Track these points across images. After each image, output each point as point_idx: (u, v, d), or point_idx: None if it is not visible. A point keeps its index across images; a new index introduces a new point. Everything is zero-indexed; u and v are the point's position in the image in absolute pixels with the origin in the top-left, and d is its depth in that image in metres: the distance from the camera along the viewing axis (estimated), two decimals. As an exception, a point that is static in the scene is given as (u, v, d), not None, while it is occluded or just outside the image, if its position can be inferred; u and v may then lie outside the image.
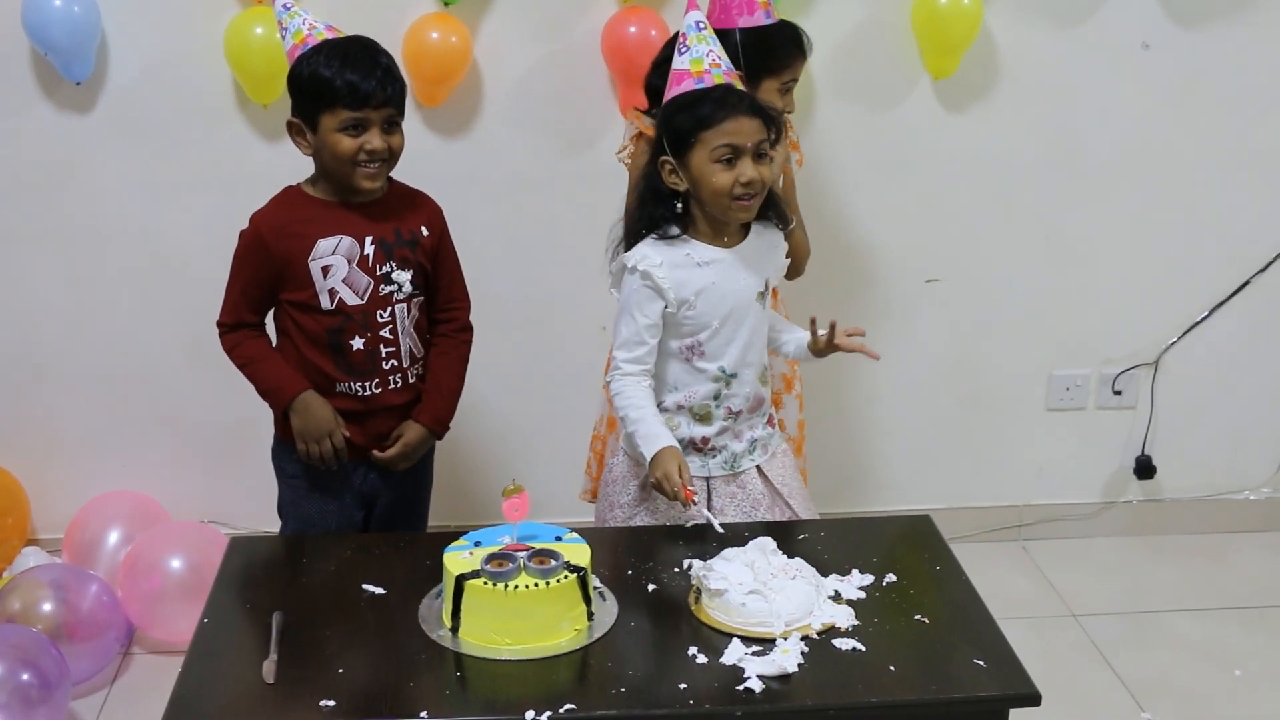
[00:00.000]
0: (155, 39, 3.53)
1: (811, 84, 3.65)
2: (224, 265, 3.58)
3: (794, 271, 3.16)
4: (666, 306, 2.72)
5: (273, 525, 3.49)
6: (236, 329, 2.93)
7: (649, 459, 2.68)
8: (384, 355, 2.90)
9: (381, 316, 2.88)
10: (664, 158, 2.72)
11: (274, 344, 2.97)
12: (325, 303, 2.84)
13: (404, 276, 2.88)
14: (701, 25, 2.77)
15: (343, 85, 2.74)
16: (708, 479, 2.84)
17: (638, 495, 2.85)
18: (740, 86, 2.74)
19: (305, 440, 2.90)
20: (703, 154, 2.66)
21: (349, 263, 2.83)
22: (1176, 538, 4.20)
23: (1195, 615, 3.80)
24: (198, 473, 3.89)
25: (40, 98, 3.55)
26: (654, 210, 2.75)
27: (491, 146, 3.65)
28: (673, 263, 2.72)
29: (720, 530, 2.57)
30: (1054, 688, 3.32)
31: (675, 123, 2.70)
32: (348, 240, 2.83)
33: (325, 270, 2.83)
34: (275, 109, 3.54)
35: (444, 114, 3.58)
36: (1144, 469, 4.15)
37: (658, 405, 2.78)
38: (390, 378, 2.92)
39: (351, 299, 2.85)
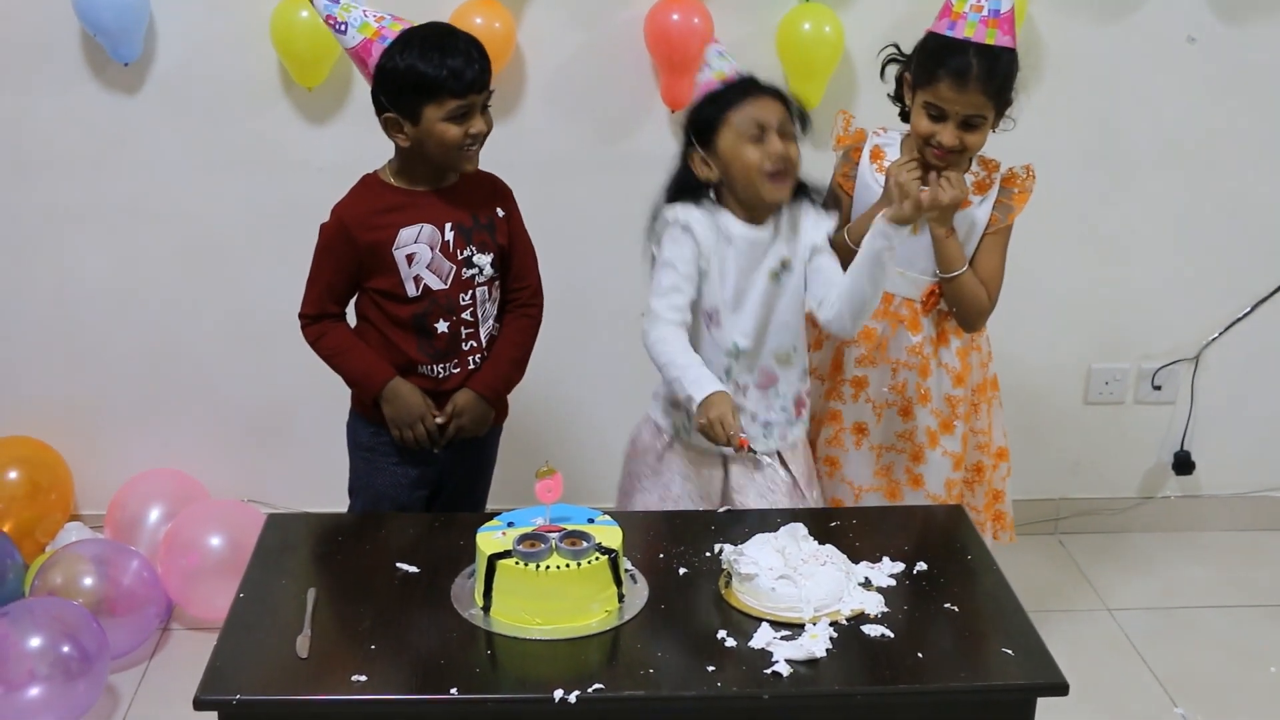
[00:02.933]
0: (202, 21, 3.57)
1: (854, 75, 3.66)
2: (266, 245, 3.67)
3: (963, 323, 3.04)
4: (700, 259, 2.76)
5: (310, 504, 3.55)
6: (319, 320, 2.95)
7: (696, 403, 2.64)
8: (464, 337, 2.94)
9: (464, 299, 2.91)
10: (692, 150, 2.76)
11: (354, 328, 3.00)
12: (411, 290, 2.87)
13: (484, 260, 2.92)
14: (722, 53, 2.84)
15: (448, 75, 2.75)
16: (724, 458, 2.86)
17: (654, 464, 2.89)
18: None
19: (399, 426, 2.94)
20: (730, 135, 2.72)
21: (431, 249, 2.86)
22: (1214, 534, 4.18)
23: (1230, 612, 3.78)
24: (237, 452, 3.93)
25: (89, 78, 3.59)
26: (687, 191, 2.81)
27: (532, 132, 3.67)
28: (708, 221, 2.78)
29: (767, 461, 2.60)
30: (1087, 681, 3.37)
31: (701, 114, 2.77)
32: (429, 228, 2.86)
33: (410, 258, 2.86)
34: (319, 92, 3.58)
35: (486, 99, 3.60)
36: (1182, 465, 4.14)
37: None
38: (470, 359, 2.96)
39: (436, 284, 2.88)
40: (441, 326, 2.90)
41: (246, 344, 3.83)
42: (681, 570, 2.47)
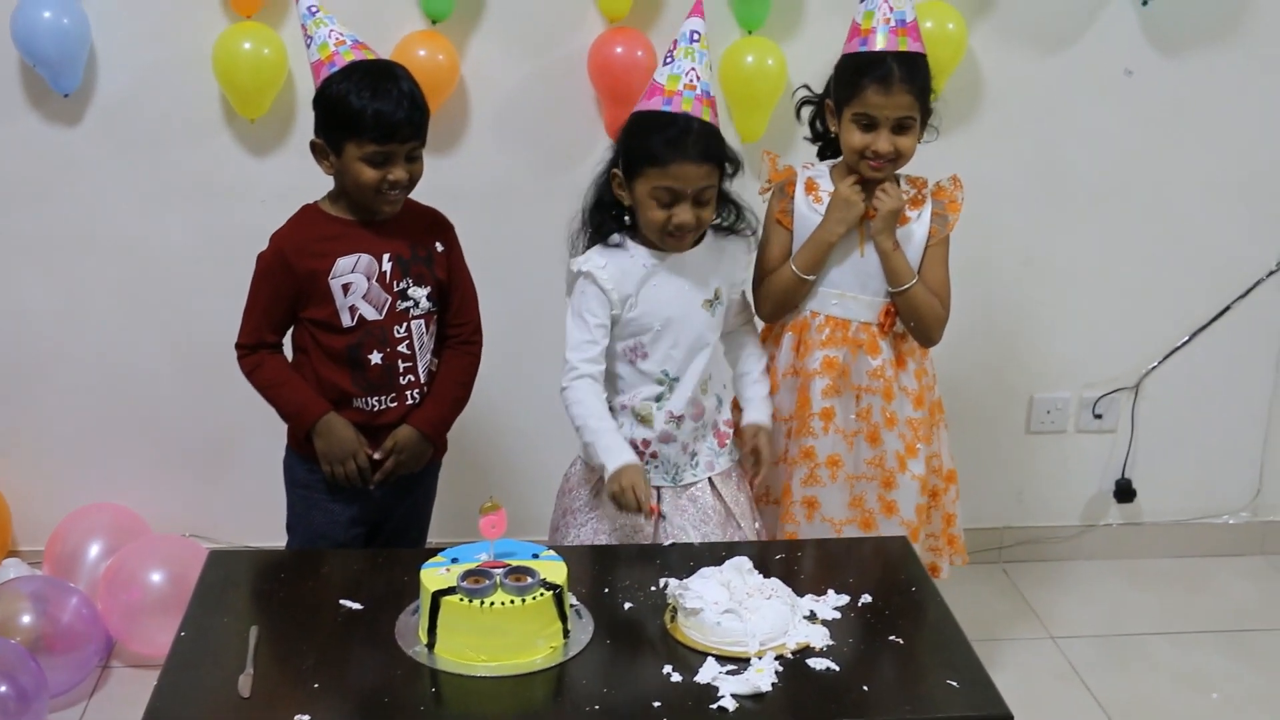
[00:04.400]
0: (143, 52, 3.54)
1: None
2: (209, 275, 3.63)
3: (922, 337, 3.08)
4: (612, 308, 2.79)
5: (254, 539, 3.52)
6: (256, 350, 2.93)
7: (609, 472, 2.71)
8: (401, 370, 2.92)
9: (398, 332, 2.90)
10: (615, 170, 2.79)
11: (290, 361, 2.99)
12: (346, 320, 2.86)
13: (420, 293, 2.91)
14: (695, 36, 2.80)
15: (371, 118, 2.75)
16: (658, 489, 2.87)
17: (589, 501, 2.88)
18: (710, 114, 2.77)
19: (330, 462, 2.92)
20: (645, 187, 2.74)
21: (368, 279, 2.85)
22: (1156, 561, 4.21)
23: (1174, 639, 3.81)
24: (180, 486, 3.89)
25: (28, 109, 3.56)
26: (598, 216, 2.85)
27: (477, 163, 3.67)
28: (616, 264, 2.81)
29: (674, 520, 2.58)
30: (1032, 710, 3.39)
31: (630, 145, 2.78)
32: (366, 258, 2.86)
33: (346, 288, 2.85)
34: (262, 124, 3.56)
35: (430, 130, 3.54)
36: (1124, 492, 4.17)
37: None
38: (407, 393, 2.95)
39: (371, 314, 2.87)
40: (375, 358, 2.89)
41: (190, 376, 3.79)
42: (627, 605, 2.46)
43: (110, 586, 3.48)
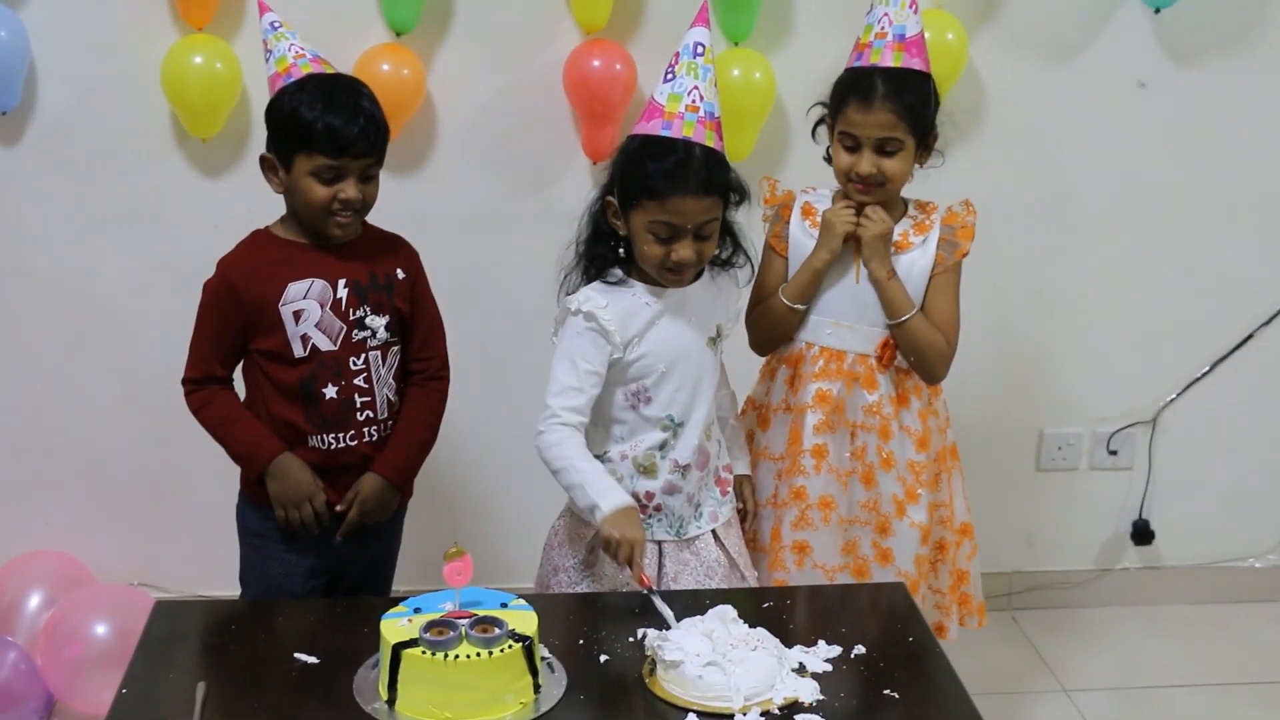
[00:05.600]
0: (87, 67, 3.56)
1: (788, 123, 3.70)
2: (154, 308, 3.64)
3: (924, 373, 3.06)
4: (613, 351, 2.76)
5: (207, 589, 3.51)
6: (204, 385, 2.93)
7: (603, 513, 2.67)
8: (359, 406, 2.92)
9: (355, 364, 2.90)
10: (610, 198, 2.77)
11: (242, 400, 2.98)
12: (298, 350, 2.86)
13: (378, 322, 2.91)
14: (700, 49, 2.75)
15: (323, 130, 2.76)
16: (659, 543, 2.85)
17: (583, 559, 2.86)
18: (715, 139, 2.74)
19: (284, 506, 2.91)
20: (641, 220, 2.71)
21: (322, 306, 2.86)
22: (1176, 608, 4.22)
23: (1195, 691, 3.81)
24: (126, 532, 3.89)
25: (-37, 128, 3.57)
26: (595, 249, 2.81)
27: (445, 185, 3.69)
28: (619, 304, 2.77)
29: (672, 622, 2.48)
30: (1042, 768, 3.39)
31: (625, 173, 2.74)
32: (320, 283, 2.86)
33: (297, 315, 2.85)
34: (215, 143, 3.57)
35: (395, 149, 3.53)
36: (1141, 534, 4.18)
37: (601, 455, 2.82)
38: (365, 430, 2.94)
39: (325, 344, 2.87)
40: (330, 392, 2.89)
41: (137, 414, 3.79)
42: (603, 657, 2.46)
43: (51, 640, 3.47)
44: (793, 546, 3.08)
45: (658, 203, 2.67)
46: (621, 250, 2.79)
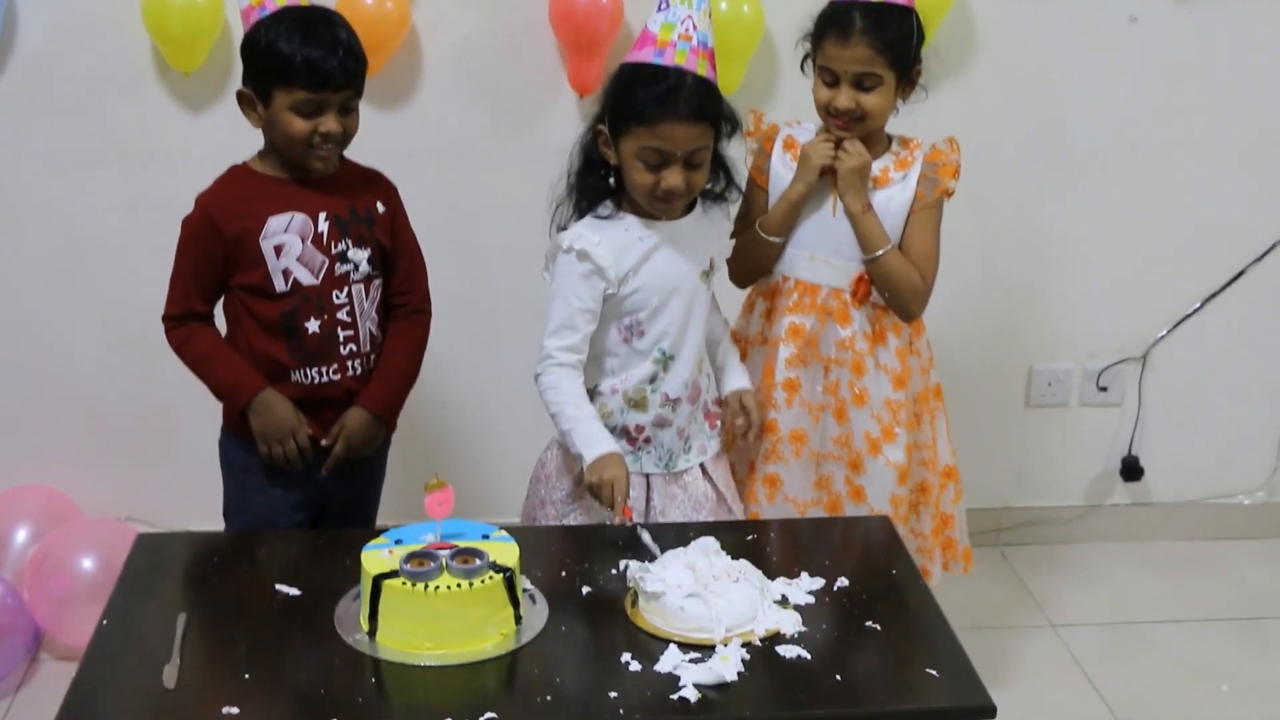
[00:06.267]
0: (67, 0, 3.51)
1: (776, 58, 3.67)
2: (140, 245, 3.62)
3: (898, 309, 3.04)
4: (607, 287, 2.75)
5: (195, 523, 3.49)
6: (184, 321, 2.92)
7: (588, 462, 2.69)
8: (342, 339, 2.91)
9: (338, 297, 2.89)
10: (601, 127, 2.75)
11: (223, 335, 2.97)
12: (279, 284, 2.85)
13: (360, 255, 2.90)
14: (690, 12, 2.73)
15: (301, 63, 2.74)
16: (646, 476, 2.86)
17: (571, 492, 2.87)
18: (707, 69, 2.71)
19: (267, 441, 2.91)
20: (631, 147, 2.69)
21: (303, 240, 2.84)
22: (1164, 544, 4.23)
23: (1182, 627, 3.83)
24: (113, 466, 3.89)
25: (-58, 63, 3.55)
26: (586, 179, 2.80)
27: (430, 120, 3.66)
28: (611, 239, 2.76)
29: (656, 554, 2.49)
30: (1029, 702, 3.43)
31: (616, 100, 2.72)
32: (300, 217, 2.85)
33: (278, 249, 2.84)
34: (198, 77, 3.54)
35: (379, 84, 3.56)
36: (1130, 471, 4.18)
37: (592, 389, 2.82)
38: (349, 364, 2.94)
39: (306, 278, 2.86)
40: (312, 326, 2.88)
41: (123, 350, 3.78)
42: (585, 589, 2.46)
43: (37, 574, 3.47)
44: (764, 480, 3.09)
45: (648, 128, 2.66)
46: (612, 181, 2.78)
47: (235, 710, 2.11)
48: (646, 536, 2.52)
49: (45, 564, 3.48)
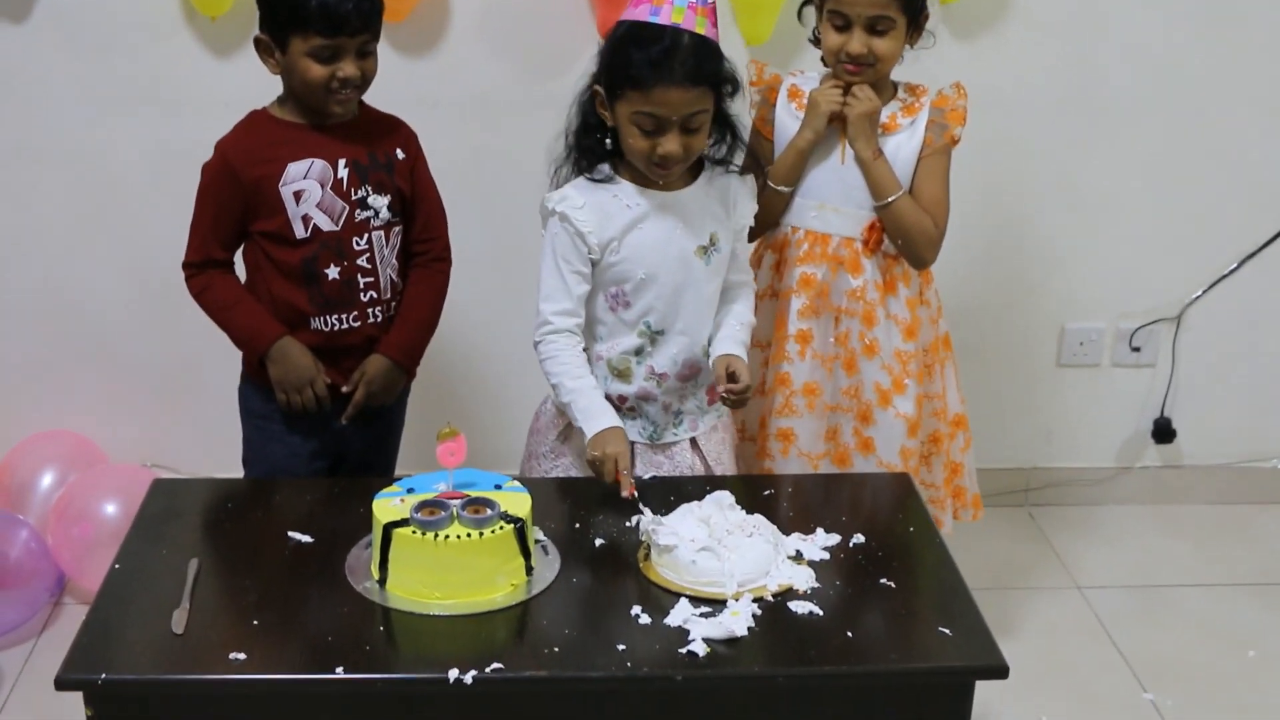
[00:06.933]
0: (95, -58, 3.51)
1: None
2: (167, 190, 3.60)
3: (911, 257, 3.01)
4: (590, 253, 2.70)
5: (219, 470, 3.51)
6: (204, 269, 2.93)
7: (588, 437, 2.65)
8: (362, 286, 2.91)
9: (358, 244, 2.89)
10: (597, 87, 2.69)
11: (243, 283, 2.97)
12: (299, 230, 2.85)
13: (380, 201, 2.89)
14: None
15: (316, 8, 2.72)
16: (631, 443, 2.78)
17: (555, 446, 2.85)
18: (707, 26, 2.64)
19: (285, 390, 2.91)
20: (626, 111, 2.62)
21: (322, 186, 2.84)
22: (1195, 508, 4.19)
23: (1210, 591, 3.79)
24: (138, 413, 3.90)
25: (-29, 5, 3.54)
26: (584, 140, 2.74)
27: (457, 68, 3.63)
28: (597, 204, 2.70)
29: (647, 512, 2.46)
30: (1051, 663, 3.41)
31: (611, 61, 2.65)
32: (320, 163, 2.84)
33: (298, 195, 2.84)
34: (224, 22, 3.53)
35: (406, 32, 3.55)
36: (1162, 432, 4.14)
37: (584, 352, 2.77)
38: (369, 310, 2.94)
39: (326, 224, 2.86)
40: (332, 273, 2.87)
41: (147, 296, 3.79)
42: (599, 541, 2.45)
43: (61, 519, 3.49)
44: (777, 434, 3.07)
45: (642, 93, 2.58)
46: (609, 143, 2.72)
47: (242, 656, 2.12)
48: (648, 516, 2.46)
49: (69, 509, 3.50)
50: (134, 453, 3.85)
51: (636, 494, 2.55)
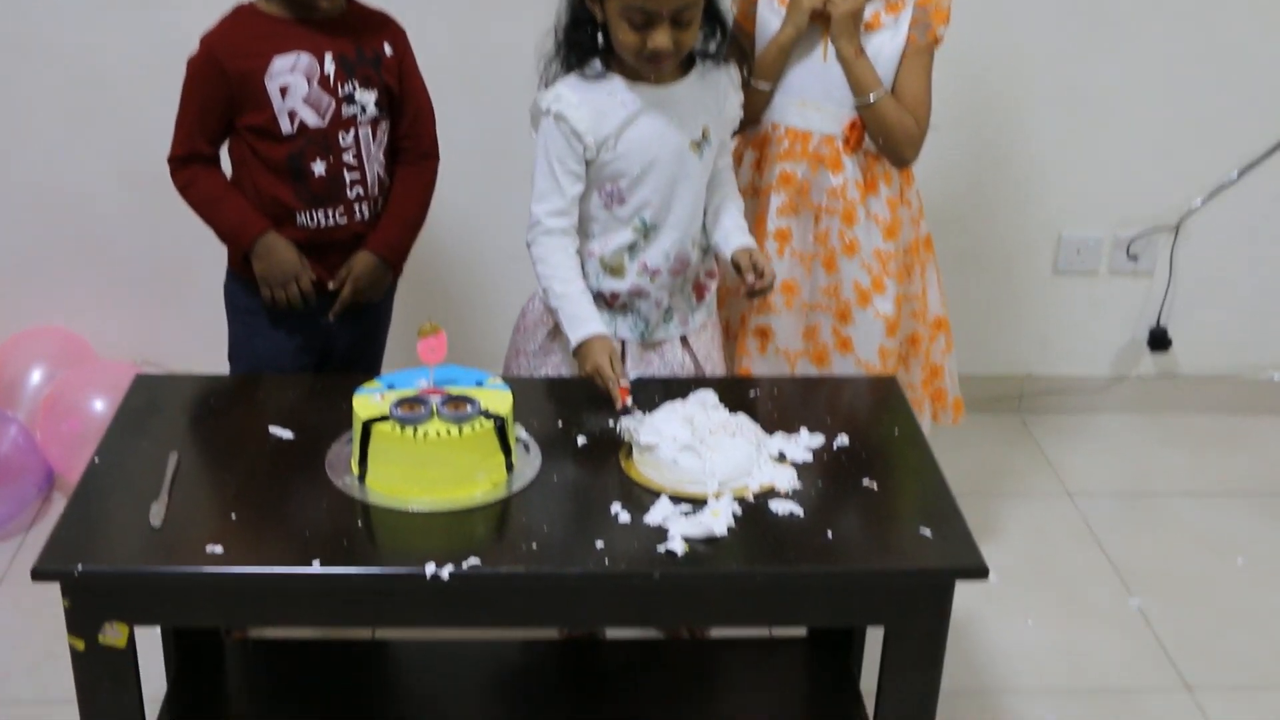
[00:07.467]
0: None
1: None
2: (160, 86, 3.52)
3: (892, 155, 2.98)
4: (585, 152, 2.67)
5: (210, 367, 3.49)
6: (189, 163, 2.90)
7: (574, 345, 2.64)
8: (348, 182, 2.88)
9: (344, 140, 2.86)
10: None
11: (229, 178, 2.95)
12: (285, 125, 2.82)
13: (368, 97, 2.86)
14: None
15: None
16: (622, 341, 2.79)
17: (544, 344, 2.83)
18: None
19: (269, 285, 2.89)
20: (616, 4, 2.57)
21: (309, 81, 2.80)
22: (1189, 417, 4.17)
23: (1201, 500, 3.78)
24: (129, 309, 3.88)
25: (-46, -112, 3.49)
26: (574, 36, 2.69)
27: (449, -40, 3.58)
28: (592, 102, 2.66)
29: (635, 413, 2.46)
30: (1038, 571, 3.42)
31: None
32: (306, 57, 2.80)
33: (284, 90, 2.80)
34: (214, -87, 3.47)
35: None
36: (1158, 341, 4.11)
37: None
38: (356, 207, 2.91)
39: (313, 120, 2.82)
40: (318, 168, 2.84)
41: (140, 192, 3.75)
42: (581, 440, 2.44)
43: (50, 415, 3.48)
44: (755, 331, 3.06)
45: None
46: (600, 38, 2.67)
47: (219, 549, 2.12)
48: (635, 421, 2.44)
49: (58, 405, 3.49)
50: (124, 349, 3.83)
51: (630, 399, 2.53)
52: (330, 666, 2.77)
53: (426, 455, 2.24)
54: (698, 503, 2.25)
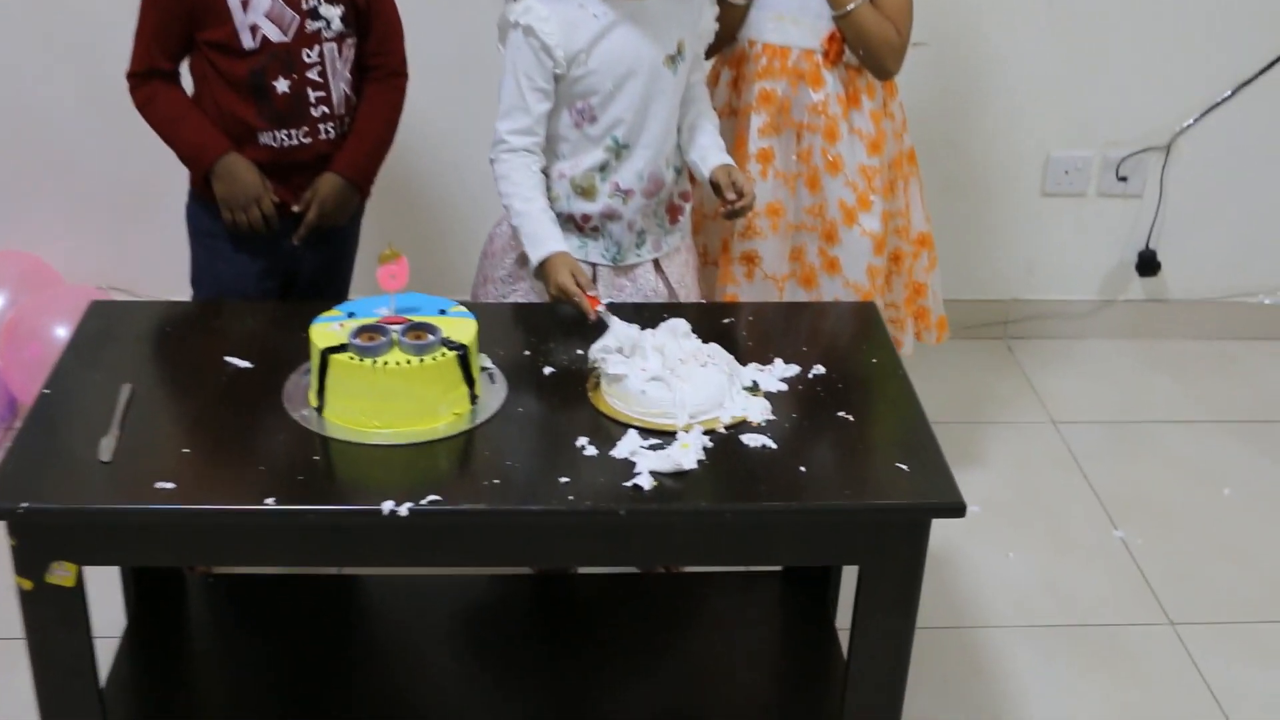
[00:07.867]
0: None
1: None
2: (121, 3, 3.45)
3: (874, 66, 2.90)
4: (555, 67, 2.58)
5: (179, 294, 3.41)
6: (149, 79, 2.81)
7: (534, 264, 2.58)
8: (313, 100, 2.80)
9: (309, 56, 2.77)
10: None
11: (190, 96, 2.86)
12: (247, 40, 2.73)
13: (333, 11, 2.77)
14: None
15: None
16: (593, 266, 2.73)
17: (513, 270, 2.75)
18: None
19: (230, 208, 2.81)
20: None
21: None
22: (1178, 343, 4.11)
23: (1189, 428, 3.72)
24: (97, 234, 3.79)
25: None
26: None
27: None
28: (562, 15, 2.58)
29: (617, 323, 2.38)
30: (1019, 500, 3.36)
31: None
32: None
33: (245, 3, 2.71)
34: None
35: None
36: (1147, 265, 4.04)
37: (543, 172, 2.67)
38: (321, 126, 2.83)
39: (276, 35, 2.73)
40: (282, 85, 2.76)
41: (108, 113, 3.60)
42: (548, 370, 2.37)
43: (11, 341, 3.40)
44: (741, 257, 2.97)
45: None
46: None
47: (170, 485, 2.05)
48: (614, 321, 2.39)
49: (18, 330, 3.41)
50: (91, 275, 3.75)
51: (602, 306, 2.46)
52: (296, 601, 2.72)
53: (386, 387, 2.16)
54: (667, 435, 2.18)
